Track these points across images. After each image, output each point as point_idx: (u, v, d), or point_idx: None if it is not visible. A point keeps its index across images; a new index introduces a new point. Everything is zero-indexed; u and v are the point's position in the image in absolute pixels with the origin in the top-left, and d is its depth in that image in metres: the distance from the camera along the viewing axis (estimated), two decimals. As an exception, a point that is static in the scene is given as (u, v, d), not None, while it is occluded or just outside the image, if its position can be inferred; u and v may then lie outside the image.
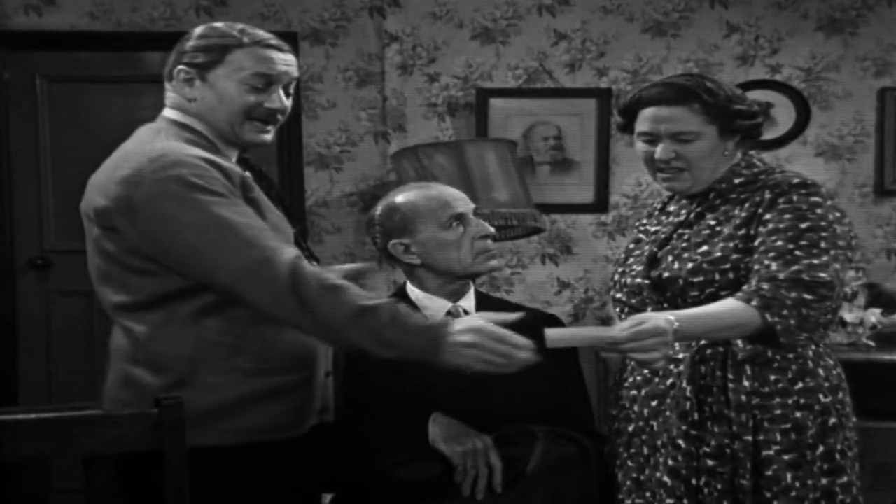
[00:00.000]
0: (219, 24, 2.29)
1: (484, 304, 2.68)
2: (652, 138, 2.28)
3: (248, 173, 2.26)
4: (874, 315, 4.08)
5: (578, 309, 4.56)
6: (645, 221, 2.49)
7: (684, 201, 2.35)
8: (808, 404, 2.19)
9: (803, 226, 2.14)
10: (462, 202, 2.63)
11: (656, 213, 2.47)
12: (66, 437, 1.78)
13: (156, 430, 1.82)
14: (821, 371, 2.22)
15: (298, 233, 2.32)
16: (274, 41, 2.27)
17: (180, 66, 2.23)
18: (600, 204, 4.55)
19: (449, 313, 2.60)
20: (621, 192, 4.54)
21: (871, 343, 4.11)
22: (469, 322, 2.06)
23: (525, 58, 4.50)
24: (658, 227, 2.38)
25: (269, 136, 2.28)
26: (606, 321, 4.52)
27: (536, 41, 4.50)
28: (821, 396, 2.20)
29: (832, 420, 2.20)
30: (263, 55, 2.24)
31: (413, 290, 2.65)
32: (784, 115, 4.47)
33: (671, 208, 2.40)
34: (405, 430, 2.44)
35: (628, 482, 2.32)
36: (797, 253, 2.11)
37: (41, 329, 4.55)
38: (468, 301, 2.65)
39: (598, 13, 4.50)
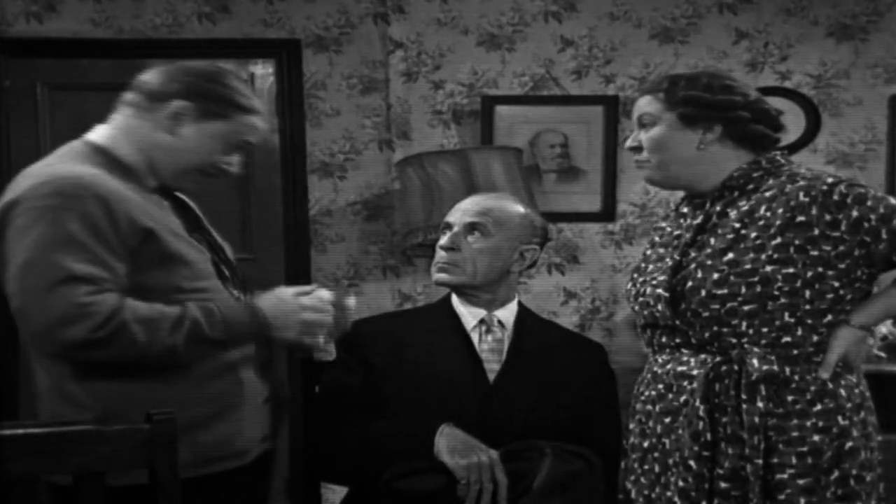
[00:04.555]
0: (236, 77, 2.28)
1: (524, 318, 2.66)
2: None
3: (165, 202, 2.24)
4: (885, 326, 4.03)
5: (585, 319, 4.50)
6: (663, 224, 2.42)
7: (697, 201, 2.30)
8: (827, 427, 2.13)
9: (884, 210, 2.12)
10: (459, 213, 2.66)
11: (672, 214, 2.40)
12: (56, 454, 1.74)
13: (147, 447, 1.77)
14: (842, 391, 2.16)
15: (220, 259, 2.29)
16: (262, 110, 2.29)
17: (184, 102, 2.18)
18: (607, 213, 4.49)
19: (482, 321, 2.60)
20: (629, 200, 4.48)
21: (882, 354, 4.07)
22: (272, 296, 2.20)
23: (531, 65, 4.46)
24: (677, 231, 2.31)
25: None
26: (613, 331, 4.48)
27: (543, 48, 4.46)
28: (839, 418, 2.14)
29: (849, 444, 2.13)
30: (258, 125, 2.27)
31: (454, 297, 2.69)
32: (794, 122, 4.41)
33: (684, 209, 2.34)
34: (411, 441, 2.42)
35: (640, 499, 2.28)
36: None
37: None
38: (507, 313, 2.65)
39: (605, 20, 4.46)
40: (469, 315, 2.63)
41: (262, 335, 2.18)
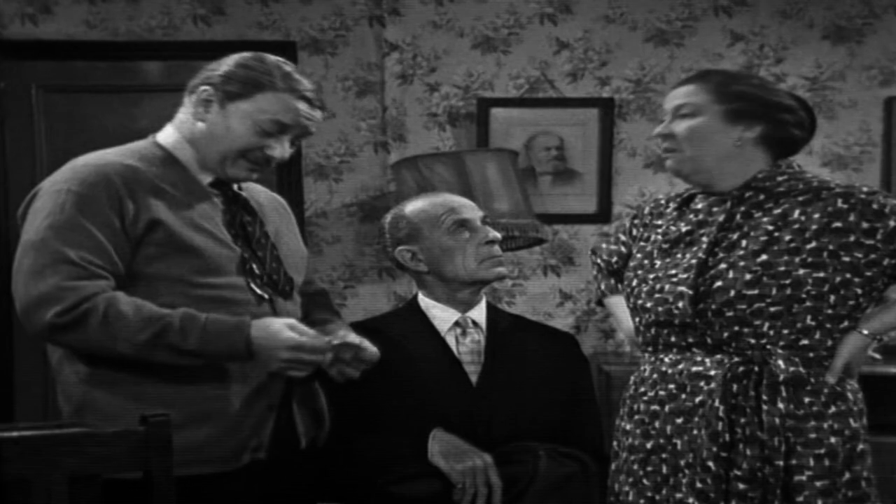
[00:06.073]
0: (268, 59, 2.23)
1: (494, 316, 2.66)
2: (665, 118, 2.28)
3: (216, 197, 2.23)
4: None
5: (580, 321, 4.50)
6: (658, 222, 2.38)
7: (713, 198, 2.27)
8: (840, 429, 2.13)
9: None
10: (468, 209, 2.63)
11: (668, 212, 2.37)
12: (50, 457, 1.72)
13: (142, 450, 1.76)
14: (849, 394, 2.18)
15: (254, 256, 2.23)
16: (310, 94, 2.22)
17: (206, 87, 2.19)
18: (603, 214, 4.49)
19: (457, 324, 2.60)
20: (624, 202, 4.49)
21: (877, 356, 4.04)
22: (267, 323, 2.09)
23: (526, 67, 4.46)
24: (690, 228, 2.28)
25: (254, 176, 2.27)
26: (609, 333, 4.47)
27: (538, 50, 4.46)
28: (851, 421, 2.15)
29: (860, 446, 2.14)
30: (291, 105, 2.19)
31: (423, 300, 2.65)
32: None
33: (699, 206, 2.30)
34: (404, 446, 2.41)
35: (642, 501, 2.24)
36: None
37: (38, 342, 4.47)
38: (478, 312, 2.64)
39: (600, 22, 4.46)
40: (442, 318, 2.61)
41: (243, 357, 2.09)
